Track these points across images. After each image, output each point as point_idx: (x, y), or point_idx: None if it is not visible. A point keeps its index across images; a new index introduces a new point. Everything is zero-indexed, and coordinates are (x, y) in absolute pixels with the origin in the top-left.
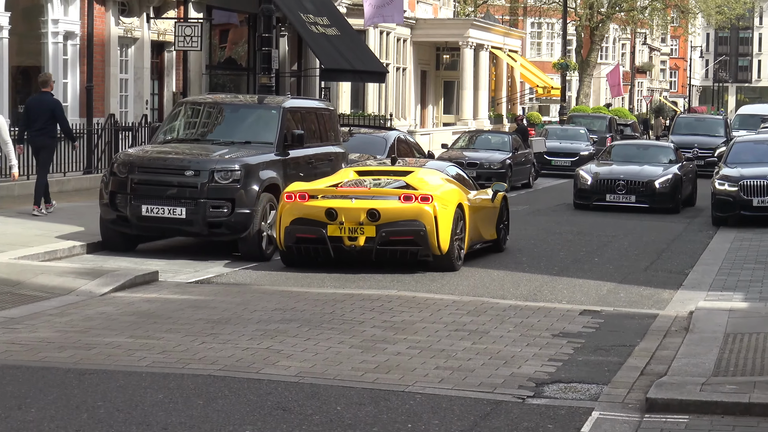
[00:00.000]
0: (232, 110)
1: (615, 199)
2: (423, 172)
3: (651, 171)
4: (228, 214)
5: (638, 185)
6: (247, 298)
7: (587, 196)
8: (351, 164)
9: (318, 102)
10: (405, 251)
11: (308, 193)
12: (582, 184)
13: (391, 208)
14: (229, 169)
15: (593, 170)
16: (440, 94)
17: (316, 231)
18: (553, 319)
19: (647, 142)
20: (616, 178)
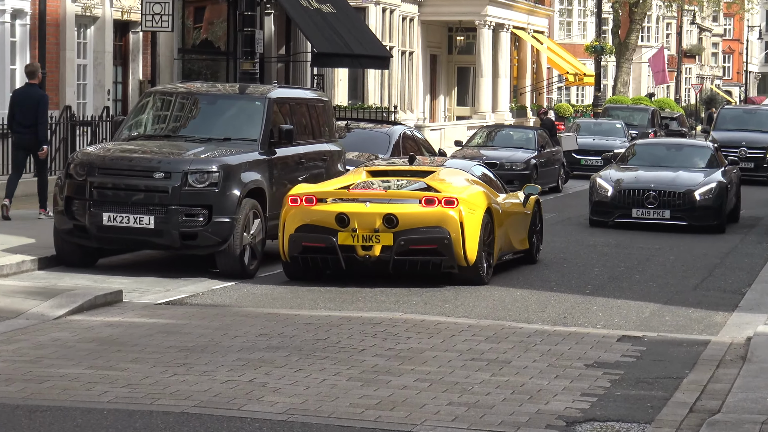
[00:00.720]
0: (208, 102)
1: (643, 215)
2: (446, 172)
3: (688, 178)
4: (204, 224)
5: (673, 197)
6: (226, 322)
7: (607, 210)
8: (363, 164)
9: (310, 92)
10: (427, 262)
11: (316, 195)
12: (600, 195)
13: (410, 213)
14: (205, 171)
15: (614, 177)
16: (453, 83)
17: (325, 239)
18: (586, 347)
19: (679, 141)
20: (645, 188)
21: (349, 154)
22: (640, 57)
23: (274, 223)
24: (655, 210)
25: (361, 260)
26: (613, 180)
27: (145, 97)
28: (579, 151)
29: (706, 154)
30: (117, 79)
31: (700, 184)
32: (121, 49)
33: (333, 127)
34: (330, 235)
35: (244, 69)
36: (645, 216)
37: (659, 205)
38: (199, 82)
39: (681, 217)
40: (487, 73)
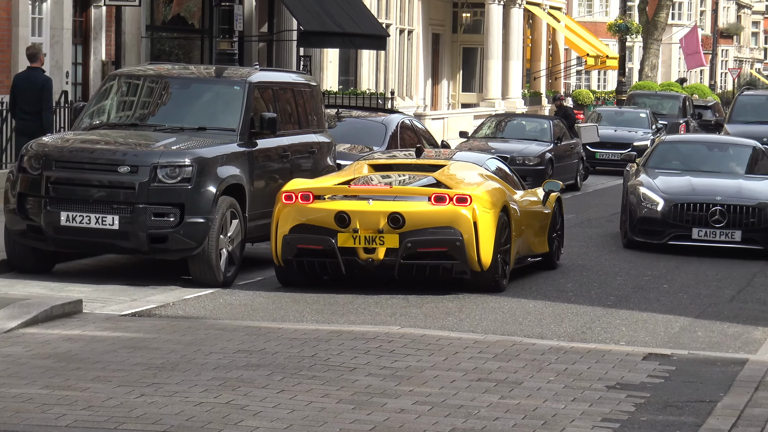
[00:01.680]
0: (181, 86)
1: (707, 237)
2: (457, 166)
3: (756, 189)
4: (175, 225)
5: (745, 214)
6: (200, 337)
7: (657, 230)
8: (363, 157)
9: (296, 75)
10: (436, 266)
11: (313, 192)
12: (648, 210)
13: (418, 211)
14: (176, 164)
15: (657, 185)
16: (458, 66)
17: (323, 241)
18: (607, 366)
19: (717, 138)
20: (710, 201)
21: (339, 146)
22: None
23: (254, 224)
24: (722, 230)
25: (363, 264)
26: (659, 189)
27: (108, 81)
28: (595, 144)
29: (747, 154)
30: (77, 60)
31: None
32: (82, 25)
33: (322, 116)
34: (329, 237)
35: (222, 49)
36: (709, 238)
37: (727, 224)
38: (170, 64)
39: (756, 240)
40: (496, 55)
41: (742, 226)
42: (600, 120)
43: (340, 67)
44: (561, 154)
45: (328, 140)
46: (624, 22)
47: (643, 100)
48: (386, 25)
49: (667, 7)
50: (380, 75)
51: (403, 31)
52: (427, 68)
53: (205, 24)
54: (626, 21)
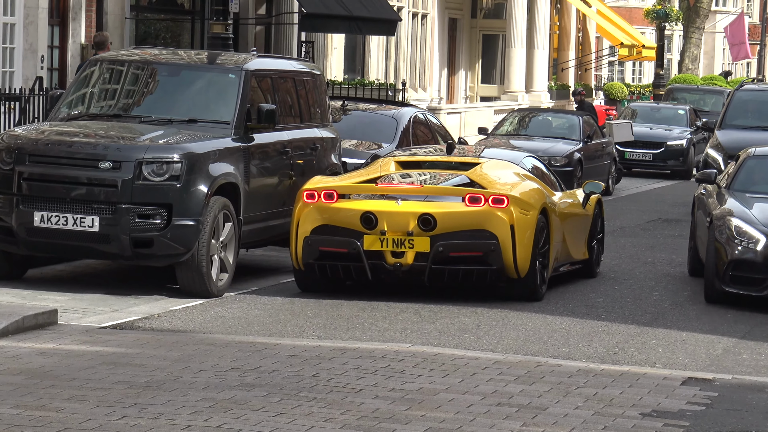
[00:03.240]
0: (169, 73)
1: None
2: (491, 164)
3: None
4: (162, 227)
5: None
6: (189, 353)
7: (757, 278)
8: (390, 153)
9: (297, 63)
10: (470, 272)
11: (337, 191)
12: (743, 250)
13: (451, 212)
14: (164, 161)
15: (754, 215)
16: (477, 55)
17: (348, 243)
18: (642, 391)
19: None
20: None
21: (345, 143)
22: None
23: (249, 228)
24: None
25: (390, 269)
26: (762, 222)
27: (89, 66)
28: (624, 143)
29: None
30: (53, 43)
31: None
32: (60, 4)
33: (326, 108)
34: (354, 239)
35: (215, 32)
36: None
37: None
38: (158, 49)
39: None
40: (520, 43)
41: None
42: (635, 117)
43: (346, 54)
44: (591, 154)
45: (333, 135)
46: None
47: (683, 95)
48: (398, 9)
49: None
50: (390, 64)
51: (417, 15)
52: (443, 57)
53: (197, 4)
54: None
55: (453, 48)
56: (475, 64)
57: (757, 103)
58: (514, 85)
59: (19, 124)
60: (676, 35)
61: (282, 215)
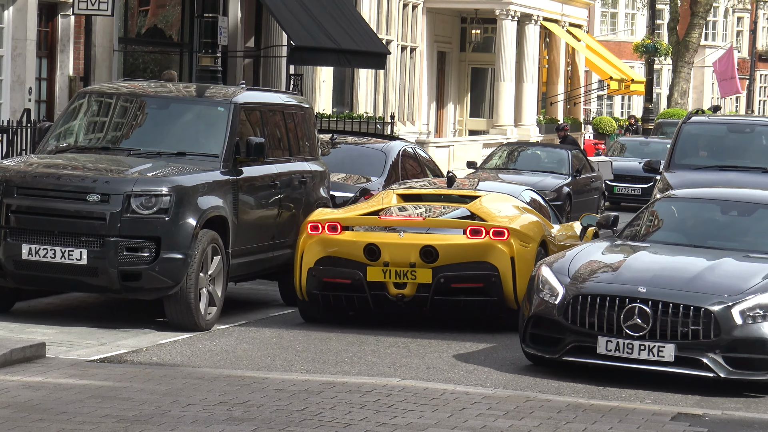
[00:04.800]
0: (158, 106)
1: (621, 351)
2: (491, 197)
3: (727, 275)
4: (150, 260)
5: (681, 317)
6: (177, 386)
7: (554, 338)
8: (391, 187)
9: (286, 96)
10: (470, 303)
11: (341, 222)
12: (539, 302)
13: (453, 244)
14: (152, 194)
15: (575, 263)
16: (466, 88)
17: (351, 274)
18: (632, 427)
19: (745, 195)
20: (627, 294)
21: (334, 176)
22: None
23: (238, 261)
24: (642, 342)
25: (393, 300)
26: (573, 271)
27: (77, 99)
28: (616, 177)
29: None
30: (41, 75)
31: (748, 291)
32: (47, 36)
33: (315, 142)
34: (357, 270)
35: (204, 65)
36: (621, 353)
37: (652, 334)
38: (146, 81)
39: (701, 363)
40: (509, 77)
41: (676, 337)
42: (624, 151)
43: (335, 87)
44: (580, 188)
45: (322, 169)
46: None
47: (672, 130)
48: (387, 42)
49: (700, 26)
50: (379, 97)
51: (406, 48)
52: (432, 90)
53: (185, 37)
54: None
55: (442, 81)
56: (464, 97)
57: (708, 139)
58: (503, 118)
59: (7, 156)
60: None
61: (271, 248)
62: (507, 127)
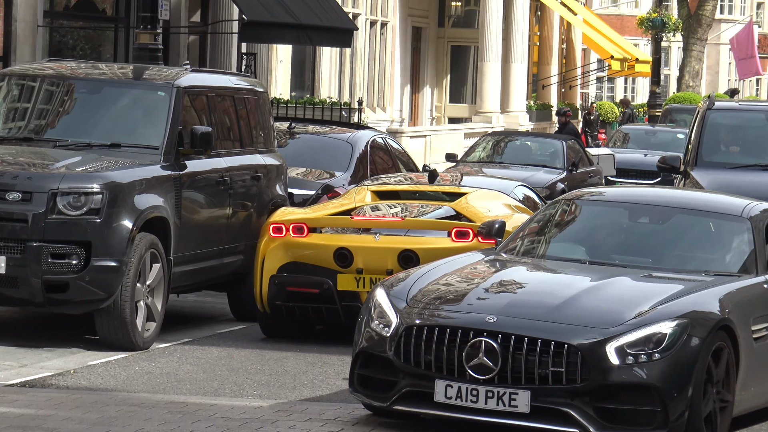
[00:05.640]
0: (89, 90)
1: (464, 399)
2: (479, 194)
3: (626, 299)
4: (79, 269)
5: (540, 355)
6: (109, 414)
7: (386, 380)
8: (364, 182)
9: (237, 79)
10: None
11: (307, 224)
12: (368, 335)
13: (436, 248)
14: (82, 192)
15: (418, 285)
16: (445, 69)
17: (319, 282)
18: None
19: (666, 196)
20: (472, 326)
21: (292, 171)
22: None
23: (181, 269)
24: (489, 388)
25: None
26: (411, 296)
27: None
28: (618, 171)
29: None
30: None
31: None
32: None
33: (270, 131)
34: (326, 278)
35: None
36: (465, 402)
37: (502, 377)
38: (75, 62)
39: (564, 415)
40: (494, 56)
41: (532, 380)
42: (627, 142)
43: (294, 68)
44: (577, 184)
45: (278, 162)
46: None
47: (683, 117)
48: (353, 16)
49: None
50: (345, 80)
51: (375, 23)
52: (406, 72)
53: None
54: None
55: (417, 61)
56: (443, 80)
57: (740, 130)
58: (488, 104)
59: None
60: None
61: (219, 255)
62: (492, 114)
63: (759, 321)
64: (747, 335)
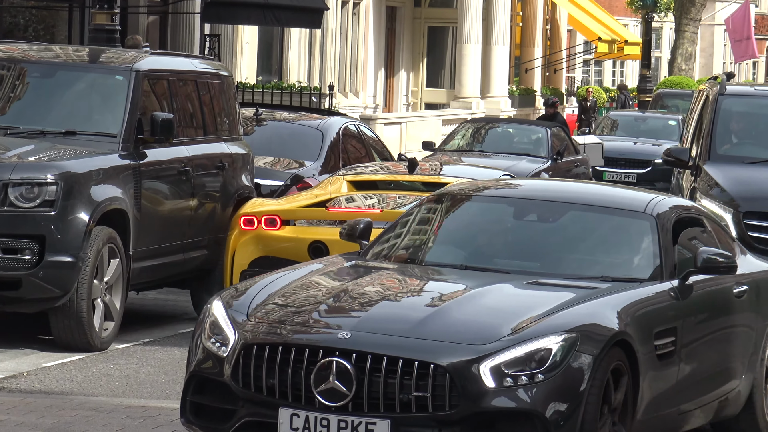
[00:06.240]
0: (42, 74)
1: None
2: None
3: (493, 312)
4: (32, 265)
5: (402, 377)
6: (65, 419)
7: (223, 409)
8: (340, 172)
9: (200, 62)
10: None
11: (280, 216)
12: (202, 357)
13: None
14: (35, 182)
15: (250, 296)
16: (422, 52)
17: None
18: None
19: (549, 190)
20: (321, 345)
21: (259, 160)
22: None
23: (141, 265)
24: (342, 417)
25: None
26: (252, 309)
27: None
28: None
29: None
30: None
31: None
32: None
33: (235, 118)
34: None
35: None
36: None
37: (357, 404)
38: (27, 43)
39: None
40: (474, 38)
41: (392, 408)
42: (615, 129)
43: (261, 51)
44: (562, 174)
45: (244, 151)
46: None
47: (675, 103)
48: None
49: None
50: (315, 63)
51: (347, 2)
52: (380, 54)
53: None
54: None
55: (392, 43)
56: (419, 63)
57: (758, 119)
58: (467, 89)
59: None
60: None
61: (181, 249)
62: (472, 99)
63: (663, 335)
64: (649, 351)
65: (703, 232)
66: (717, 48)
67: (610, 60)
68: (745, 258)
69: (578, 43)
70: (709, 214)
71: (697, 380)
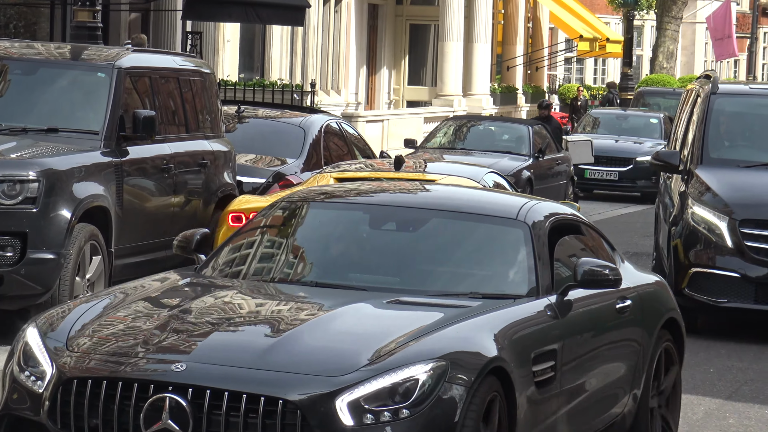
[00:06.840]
0: (23, 71)
1: None
2: (448, 182)
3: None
4: (14, 261)
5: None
6: None
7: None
8: (326, 169)
9: (182, 59)
10: None
11: None
12: (18, 389)
13: None
14: (16, 179)
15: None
16: (404, 49)
17: None
18: None
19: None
20: (148, 378)
21: (241, 158)
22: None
23: (123, 262)
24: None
25: None
26: (72, 335)
27: None
28: None
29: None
30: None
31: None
32: None
33: (217, 115)
34: None
35: (80, 21)
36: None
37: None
38: (9, 41)
39: None
40: (456, 36)
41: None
42: (597, 127)
43: (242, 48)
44: (543, 172)
45: (226, 149)
46: None
47: (657, 101)
48: None
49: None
50: (297, 60)
51: (329, 0)
52: (362, 52)
53: None
54: None
55: (374, 41)
56: (401, 61)
57: (753, 119)
58: (449, 87)
59: None
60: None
61: (164, 247)
62: (454, 97)
63: (542, 359)
64: (526, 378)
65: (582, 241)
66: (698, 46)
67: (591, 58)
68: (626, 268)
69: (560, 41)
70: (587, 222)
71: (582, 407)
